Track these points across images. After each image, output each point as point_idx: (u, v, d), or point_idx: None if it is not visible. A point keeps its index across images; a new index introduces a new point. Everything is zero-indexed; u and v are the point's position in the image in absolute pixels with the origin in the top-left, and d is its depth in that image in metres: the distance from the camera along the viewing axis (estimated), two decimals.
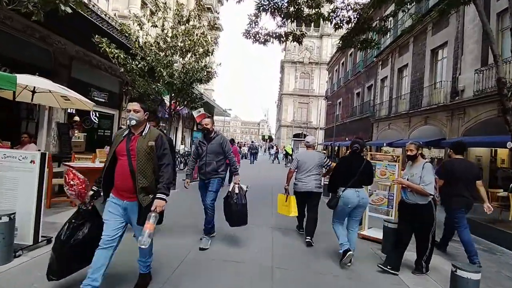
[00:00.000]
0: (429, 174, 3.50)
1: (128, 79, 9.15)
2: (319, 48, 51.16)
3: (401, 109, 16.39)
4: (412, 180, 3.60)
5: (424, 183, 3.46)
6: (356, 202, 3.74)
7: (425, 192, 3.45)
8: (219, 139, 4.26)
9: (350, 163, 3.94)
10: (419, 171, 3.55)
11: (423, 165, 3.58)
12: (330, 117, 35.14)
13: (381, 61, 20.02)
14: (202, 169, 4.30)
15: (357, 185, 3.81)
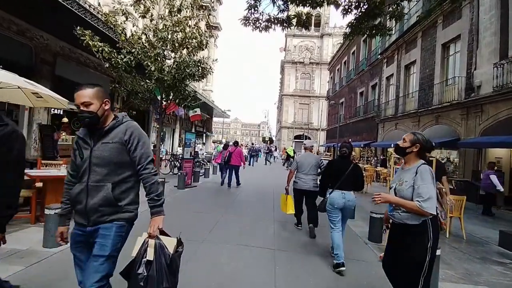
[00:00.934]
0: (427, 182, 2.20)
1: (114, 76, 8.25)
2: (319, 48, 50.39)
3: (409, 108, 15.51)
4: (400, 192, 2.32)
5: (420, 197, 2.18)
6: (342, 203, 3.77)
7: (422, 212, 2.17)
8: (121, 130, 1.95)
9: (338, 166, 3.98)
10: (411, 178, 2.28)
11: (417, 168, 2.28)
12: (332, 118, 34.27)
13: (386, 59, 19.17)
14: (79, 201, 1.89)
15: (344, 187, 3.81)
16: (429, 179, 2.20)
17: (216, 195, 7.71)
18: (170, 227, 4.61)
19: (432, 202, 2.15)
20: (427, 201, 2.14)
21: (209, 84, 32.21)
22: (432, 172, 2.25)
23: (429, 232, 2.23)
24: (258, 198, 7.99)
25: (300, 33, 51.16)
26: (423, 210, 2.13)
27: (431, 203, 2.14)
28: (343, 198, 3.77)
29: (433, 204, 2.15)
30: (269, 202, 7.43)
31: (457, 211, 5.55)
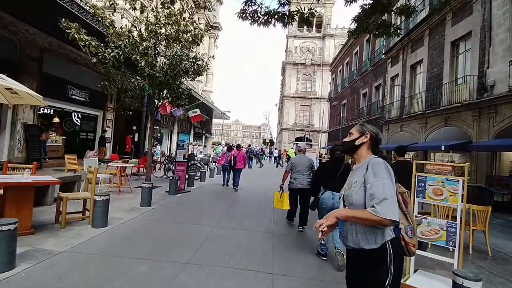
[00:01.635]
0: (381, 178, 1.60)
1: (103, 72, 7.65)
2: (321, 49, 49.79)
3: (416, 109, 14.86)
4: (348, 198, 1.74)
5: (374, 199, 1.56)
6: (331, 204, 3.85)
7: (377, 220, 1.52)
8: None
9: (330, 168, 4.08)
10: (361, 176, 1.70)
11: (368, 163, 1.71)
12: (334, 120, 33.66)
13: (390, 58, 18.55)
14: None
15: (335, 189, 3.83)
16: (384, 174, 1.61)
17: (210, 202, 7.08)
18: (148, 243, 3.89)
19: (390, 204, 1.50)
20: (382, 203, 1.50)
21: (208, 85, 31.63)
22: (388, 166, 1.66)
23: (388, 261, 1.60)
24: (255, 205, 7.35)
25: (302, 34, 50.66)
26: (378, 216, 1.49)
27: (389, 205, 1.50)
28: (332, 199, 3.87)
29: (392, 207, 1.51)
30: (268, 210, 6.81)
31: (480, 224, 4.90)
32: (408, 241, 1.78)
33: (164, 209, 5.78)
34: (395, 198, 1.56)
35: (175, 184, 7.16)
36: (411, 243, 1.79)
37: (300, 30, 50.84)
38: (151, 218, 5.05)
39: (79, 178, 5.81)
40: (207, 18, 28.53)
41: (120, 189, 6.89)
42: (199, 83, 27.28)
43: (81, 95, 11.59)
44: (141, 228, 4.41)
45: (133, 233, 4.15)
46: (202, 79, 28.77)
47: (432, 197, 3.26)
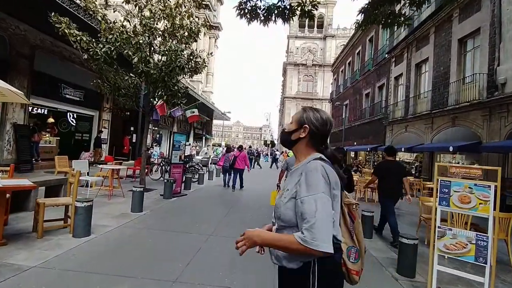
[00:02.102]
0: (314, 191, 1.17)
1: (94, 69, 7.25)
2: (322, 50, 49.46)
3: (421, 109, 14.42)
4: (277, 209, 1.32)
5: (304, 222, 1.15)
6: None
7: (304, 249, 1.12)
8: None
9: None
10: (294, 184, 1.28)
11: (304, 167, 1.27)
12: (336, 121, 33.17)
13: (394, 58, 18.12)
14: None
15: None
16: (319, 186, 1.17)
17: (207, 206, 6.65)
18: (132, 255, 3.34)
19: (323, 230, 1.11)
20: (313, 228, 1.10)
21: (209, 86, 31.26)
22: (327, 173, 1.20)
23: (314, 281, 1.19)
24: (255, 210, 6.92)
25: (303, 35, 50.35)
26: (306, 246, 1.10)
27: (321, 232, 1.11)
28: None
29: (325, 234, 1.11)
30: (268, 215, 6.37)
31: (503, 232, 4.46)
32: (350, 268, 1.30)
33: (157, 215, 5.35)
34: (330, 220, 1.15)
35: (170, 188, 6.73)
36: (353, 270, 1.30)
37: (301, 30, 50.54)
38: (141, 225, 4.62)
39: (66, 181, 5.40)
40: (207, 18, 28.18)
41: (111, 193, 6.47)
42: (199, 83, 26.93)
43: (76, 94, 11.21)
44: (128, 238, 3.98)
45: (117, 243, 3.72)
46: (202, 80, 28.40)
47: (458, 205, 2.83)
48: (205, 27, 8.72)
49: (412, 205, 9.68)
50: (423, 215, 5.27)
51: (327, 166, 1.23)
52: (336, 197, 1.23)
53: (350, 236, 1.33)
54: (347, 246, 1.30)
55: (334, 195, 1.21)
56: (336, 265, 1.25)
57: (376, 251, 4.41)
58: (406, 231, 6.02)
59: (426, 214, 5.38)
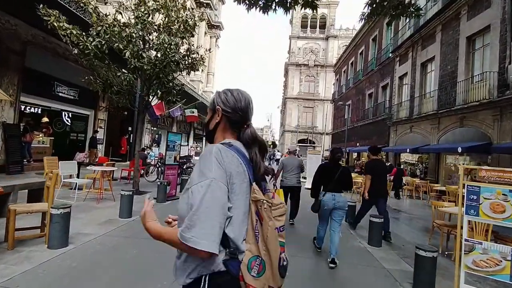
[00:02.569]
0: (204, 177, 0.96)
1: (85, 64, 6.87)
2: (324, 50, 49.03)
3: (427, 109, 13.97)
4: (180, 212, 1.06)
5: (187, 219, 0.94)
6: (332, 205, 3.94)
7: (184, 248, 0.93)
8: None
9: (329, 170, 4.15)
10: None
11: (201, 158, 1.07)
12: (338, 122, 32.76)
13: (399, 57, 17.68)
14: None
15: (334, 190, 3.98)
16: (210, 171, 0.97)
17: None
18: (111, 271, 2.79)
19: (206, 225, 0.91)
20: (193, 223, 0.92)
21: (209, 85, 30.87)
22: (223, 156, 1.01)
23: None
24: None
25: (305, 35, 49.95)
26: (184, 244, 0.92)
27: (203, 227, 0.91)
28: (333, 200, 3.95)
29: (208, 231, 0.91)
30: None
31: None
32: (248, 283, 0.97)
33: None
34: (219, 212, 0.93)
35: (164, 190, 6.32)
36: (252, 287, 0.97)
37: (303, 31, 50.14)
38: (127, 233, 4.19)
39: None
40: (208, 17, 27.84)
41: (101, 196, 6.06)
42: (200, 83, 26.55)
43: (70, 93, 10.84)
44: (110, 249, 3.55)
45: (96, 256, 3.30)
46: (202, 79, 28.01)
47: (489, 214, 2.41)
48: (202, 21, 8.30)
49: (419, 208, 9.25)
50: (437, 221, 4.84)
51: (225, 149, 1.03)
52: (236, 189, 1.00)
53: (256, 242, 1.01)
54: (250, 256, 0.99)
55: (233, 186, 0.99)
56: (232, 281, 0.96)
57: (387, 262, 3.98)
58: (417, 237, 5.60)
59: (440, 220, 4.94)
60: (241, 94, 1.18)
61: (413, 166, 16.21)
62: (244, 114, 1.16)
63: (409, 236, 5.73)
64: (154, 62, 6.52)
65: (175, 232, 0.96)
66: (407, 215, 7.98)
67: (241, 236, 1.01)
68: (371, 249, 4.50)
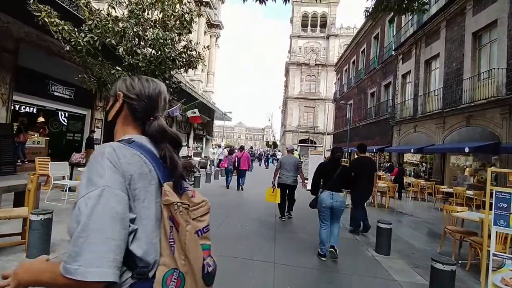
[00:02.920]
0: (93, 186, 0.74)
1: (78, 62, 6.59)
2: (325, 50, 48.69)
3: (431, 108, 13.64)
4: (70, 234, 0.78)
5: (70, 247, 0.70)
6: (329, 203, 3.99)
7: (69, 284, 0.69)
8: None
9: (328, 169, 4.21)
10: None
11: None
12: (340, 121, 32.44)
13: (401, 55, 17.35)
14: None
15: (333, 188, 4.03)
16: (101, 177, 0.76)
17: None
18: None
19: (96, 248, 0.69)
20: (77, 247, 0.69)
21: (209, 85, 30.57)
22: (118, 156, 0.80)
23: None
24: (253, 219, 6.21)
25: (305, 34, 49.62)
26: (71, 279, 0.67)
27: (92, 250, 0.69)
28: (331, 199, 3.99)
29: (100, 254, 0.69)
30: (269, 226, 5.68)
31: None
32: None
33: None
34: (114, 229, 0.72)
35: None
36: None
37: (304, 30, 49.80)
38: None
39: (39, 186, 4.71)
40: (208, 15, 27.57)
41: None
42: (200, 83, 26.25)
43: (66, 92, 10.57)
44: None
45: None
46: (202, 79, 27.73)
47: None
48: (200, 17, 8.00)
49: (425, 211, 8.87)
50: (449, 227, 4.52)
51: (123, 148, 0.83)
52: (141, 194, 0.82)
53: (171, 253, 0.83)
54: (166, 270, 0.81)
55: (136, 192, 0.81)
56: None
57: (398, 273, 3.67)
58: (426, 243, 5.29)
59: (452, 226, 4.63)
60: (151, 81, 1.00)
61: (417, 167, 15.88)
62: (152, 102, 0.96)
63: (418, 242, 5.42)
64: (149, 59, 6.23)
65: (56, 267, 0.70)
66: (413, 219, 7.67)
67: (154, 250, 0.81)
68: (379, 257, 4.19)
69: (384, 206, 8.78)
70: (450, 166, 12.70)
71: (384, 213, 8.08)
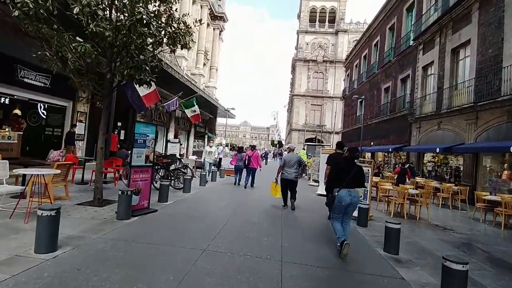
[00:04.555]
0: None
1: (31, 32, 5.14)
2: (334, 46, 46.93)
3: (460, 101, 11.93)
4: None
5: None
6: (349, 200, 4.15)
7: None
8: None
9: (344, 168, 4.32)
10: None
11: None
12: (349, 119, 30.71)
13: (422, 44, 15.62)
14: None
15: (350, 186, 4.20)
16: None
17: (181, 231, 4.42)
18: None
19: None
20: None
21: (212, 80, 29.08)
22: None
23: None
24: (253, 238, 4.68)
25: (313, 30, 47.93)
26: None
27: None
28: (349, 196, 4.14)
29: None
30: (274, 248, 4.17)
31: None
32: None
33: (83, 257, 3.13)
34: None
35: (127, 203, 4.52)
36: None
37: (312, 25, 48.07)
38: (42, 283, 2.46)
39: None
40: (211, 5, 26.06)
41: (29, 211, 4.25)
42: (201, 77, 24.76)
43: (40, 79, 9.15)
44: None
45: None
46: (204, 73, 26.23)
47: None
48: None
49: (466, 224, 6.91)
50: None
51: None
52: None
53: None
54: None
55: None
56: None
57: None
58: (495, 278, 3.67)
59: None
60: None
61: (439, 168, 14.17)
62: None
63: (484, 277, 3.83)
64: (116, 25, 4.74)
65: None
66: (457, 236, 6.02)
67: None
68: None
69: (415, 217, 7.15)
70: (484, 168, 10.99)
71: (419, 227, 6.49)
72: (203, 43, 25.70)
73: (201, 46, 25.25)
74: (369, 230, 5.64)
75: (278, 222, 5.67)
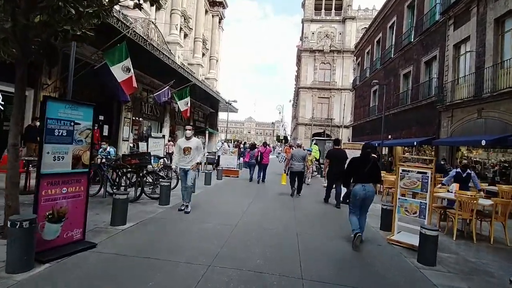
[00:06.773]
0: None
1: None
2: (341, 34, 44.40)
3: (510, 82, 9.68)
4: None
5: None
6: (363, 195, 4.39)
7: None
8: None
9: (360, 163, 4.55)
10: None
11: None
12: (361, 112, 28.40)
13: (453, 18, 13.30)
14: None
15: (365, 181, 4.43)
16: None
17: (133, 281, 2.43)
18: None
19: None
20: None
21: (212, 72, 26.99)
22: None
23: None
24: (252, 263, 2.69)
25: (319, 18, 45.41)
26: None
27: None
28: (363, 190, 4.38)
29: None
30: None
31: None
32: None
33: None
34: None
35: (25, 242, 2.46)
36: None
37: (317, 13, 45.52)
38: None
39: None
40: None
41: None
42: (199, 67, 22.70)
43: None
44: None
45: None
46: (203, 63, 24.17)
47: None
48: None
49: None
50: None
51: None
52: None
53: None
54: None
55: None
56: None
57: None
58: None
59: None
60: None
61: (479, 165, 11.97)
62: None
63: None
64: None
65: None
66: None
67: None
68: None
69: (489, 238, 5.02)
70: None
71: (499, 254, 4.39)
72: (201, 31, 23.57)
73: (198, 33, 23.14)
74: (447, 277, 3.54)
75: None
